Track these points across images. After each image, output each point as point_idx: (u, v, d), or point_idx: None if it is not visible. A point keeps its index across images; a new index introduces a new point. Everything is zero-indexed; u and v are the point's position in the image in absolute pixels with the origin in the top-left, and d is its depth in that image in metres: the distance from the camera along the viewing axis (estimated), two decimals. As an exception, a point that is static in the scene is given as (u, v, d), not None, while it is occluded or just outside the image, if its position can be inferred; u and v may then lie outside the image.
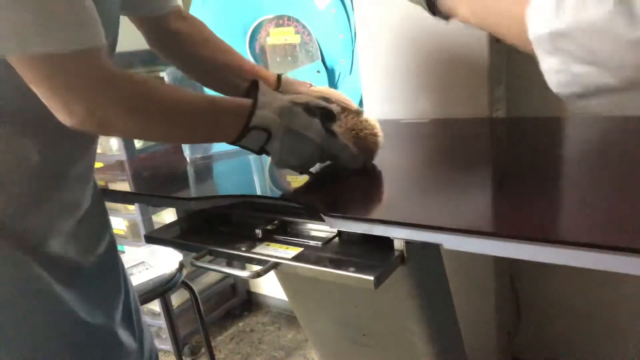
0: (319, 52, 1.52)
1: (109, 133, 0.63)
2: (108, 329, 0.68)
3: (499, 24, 0.57)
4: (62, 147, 0.62)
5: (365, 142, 0.81)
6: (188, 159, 1.04)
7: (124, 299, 0.75)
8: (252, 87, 0.72)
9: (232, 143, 0.69)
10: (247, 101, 0.68)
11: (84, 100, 0.54)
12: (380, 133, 0.82)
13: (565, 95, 0.51)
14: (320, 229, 0.71)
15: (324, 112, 0.73)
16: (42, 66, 0.51)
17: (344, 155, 0.75)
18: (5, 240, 0.57)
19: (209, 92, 0.88)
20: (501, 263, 1.33)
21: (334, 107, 0.76)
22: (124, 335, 0.70)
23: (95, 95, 0.55)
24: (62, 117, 0.55)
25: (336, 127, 0.76)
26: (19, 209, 0.59)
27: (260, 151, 0.71)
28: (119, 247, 2.04)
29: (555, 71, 0.51)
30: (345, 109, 0.83)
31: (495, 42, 1.12)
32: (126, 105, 0.57)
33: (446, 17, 0.62)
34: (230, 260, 0.75)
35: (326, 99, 0.81)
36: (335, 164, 0.79)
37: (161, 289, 1.26)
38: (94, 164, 0.70)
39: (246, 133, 0.67)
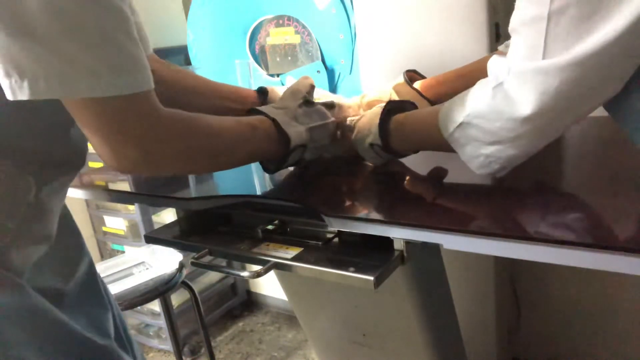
0: (319, 52, 1.52)
1: (160, 173, 0.64)
2: (109, 348, 0.67)
3: (424, 143, 0.73)
4: (56, 183, 0.61)
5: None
6: (188, 159, 1.03)
7: (112, 316, 0.74)
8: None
9: (276, 167, 0.74)
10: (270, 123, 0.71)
11: (139, 144, 0.54)
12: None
13: (487, 174, 0.62)
14: (320, 229, 0.71)
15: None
16: (96, 109, 0.51)
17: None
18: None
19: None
20: (501, 263, 1.33)
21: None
22: (122, 351, 0.70)
23: (150, 139, 0.55)
24: (115, 160, 0.54)
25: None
26: (3, 243, 0.56)
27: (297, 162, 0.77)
28: (119, 247, 2.05)
29: (472, 157, 0.62)
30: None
31: (495, 42, 1.12)
32: (176, 147, 0.58)
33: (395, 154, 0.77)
34: (230, 260, 0.75)
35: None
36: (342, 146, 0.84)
37: (161, 289, 1.26)
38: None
39: (288, 156, 0.73)
